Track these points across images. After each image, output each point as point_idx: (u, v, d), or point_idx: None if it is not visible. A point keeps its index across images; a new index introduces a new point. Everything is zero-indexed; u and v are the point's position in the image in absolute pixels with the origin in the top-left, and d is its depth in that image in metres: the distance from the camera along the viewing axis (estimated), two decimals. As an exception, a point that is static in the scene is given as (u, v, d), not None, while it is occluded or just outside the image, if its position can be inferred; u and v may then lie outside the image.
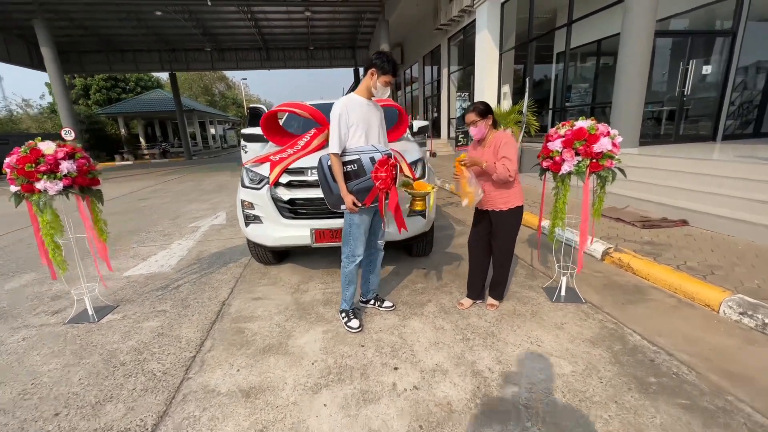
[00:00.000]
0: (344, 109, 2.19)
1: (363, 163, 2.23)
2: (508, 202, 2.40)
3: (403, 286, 3.10)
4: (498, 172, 2.26)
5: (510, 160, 2.26)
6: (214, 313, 2.77)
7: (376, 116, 2.34)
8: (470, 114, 2.36)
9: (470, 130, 2.40)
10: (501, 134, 2.35)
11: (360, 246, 2.41)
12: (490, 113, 2.36)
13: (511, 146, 2.31)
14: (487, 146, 2.39)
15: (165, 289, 3.23)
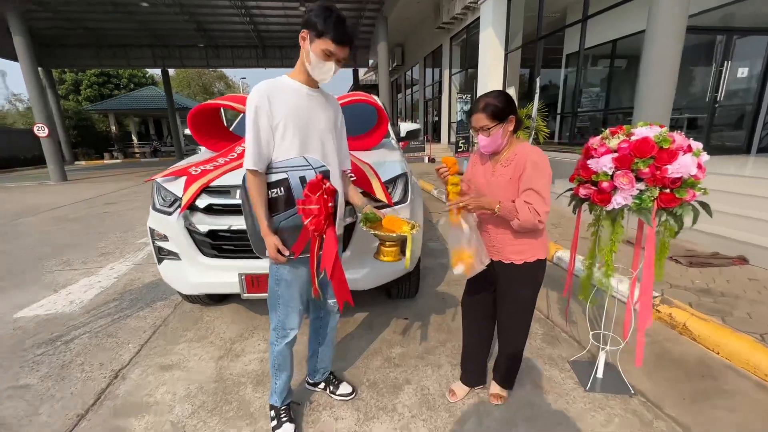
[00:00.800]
0: (263, 98, 1.35)
1: (292, 185, 1.39)
2: (523, 252, 1.54)
3: (372, 352, 2.24)
4: (521, 217, 1.38)
5: (542, 198, 1.39)
6: (95, 394, 1.91)
7: (325, 114, 1.50)
8: (479, 114, 1.44)
9: (479, 138, 1.51)
10: (528, 149, 1.45)
11: (293, 315, 1.56)
12: (512, 113, 1.44)
13: (543, 172, 1.41)
14: (502, 164, 1.50)
15: (52, 344, 2.38)
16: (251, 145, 1.35)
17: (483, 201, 1.43)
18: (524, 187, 1.42)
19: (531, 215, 1.38)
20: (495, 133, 1.44)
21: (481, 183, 1.57)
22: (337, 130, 1.60)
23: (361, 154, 2.46)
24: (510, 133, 1.48)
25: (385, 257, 1.55)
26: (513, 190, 1.46)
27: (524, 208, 1.39)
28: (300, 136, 1.41)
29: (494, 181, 1.51)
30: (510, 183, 1.46)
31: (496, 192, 1.50)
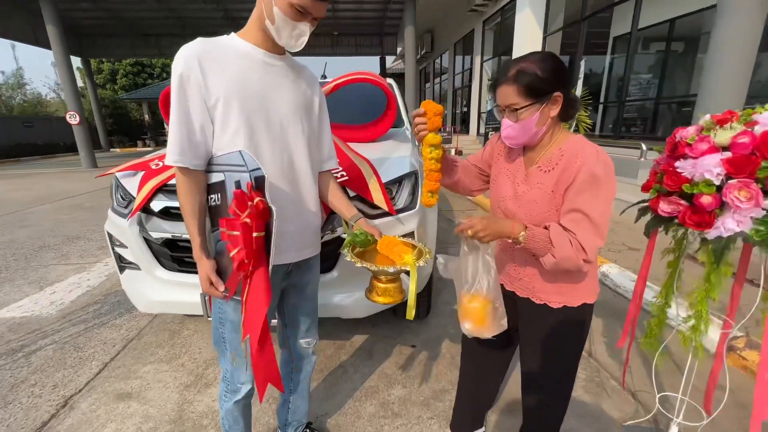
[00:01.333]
0: (192, 64, 0.92)
1: (228, 192, 0.96)
2: (564, 293, 1.03)
3: (367, 392, 1.82)
4: (559, 254, 0.89)
5: (594, 227, 0.89)
6: (33, 429, 1.61)
7: (291, 93, 1.07)
8: (506, 87, 0.92)
9: (502, 122, 1.00)
10: (585, 148, 0.93)
11: (244, 367, 1.15)
12: (558, 88, 0.91)
13: (605, 190, 0.90)
14: (541, 167, 0.99)
15: (13, 356, 2.12)
16: (174, 132, 0.94)
17: (500, 225, 0.93)
18: (570, 206, 0.91)
19: (573, 252, 0.87)
20: (527, 117, 0.91)
21: (504, 190, 1.06)
22: (312, 115, 1.16)
23: (363, 147, 2.00)
24: (553, 119, 0.95)
25: (380, 297, 1.10)
26: (555, 208, 0.95)
27: (564, 240, 0.88)
28: (248, 122, 0.98)
29: (527, 192, 1.00)
30: (551, 198, 0.95)
31: (528, 208, 0.99)
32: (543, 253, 0.92)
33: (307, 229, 1.16)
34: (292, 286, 1.22)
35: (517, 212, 1.01)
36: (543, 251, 0.91)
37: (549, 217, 0.96)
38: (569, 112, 0.96)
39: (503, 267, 1.13)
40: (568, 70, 0.99)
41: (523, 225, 0.93)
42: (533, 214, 0.97)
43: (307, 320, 1.30)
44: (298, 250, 1.14)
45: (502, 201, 1.07)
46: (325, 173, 1.25)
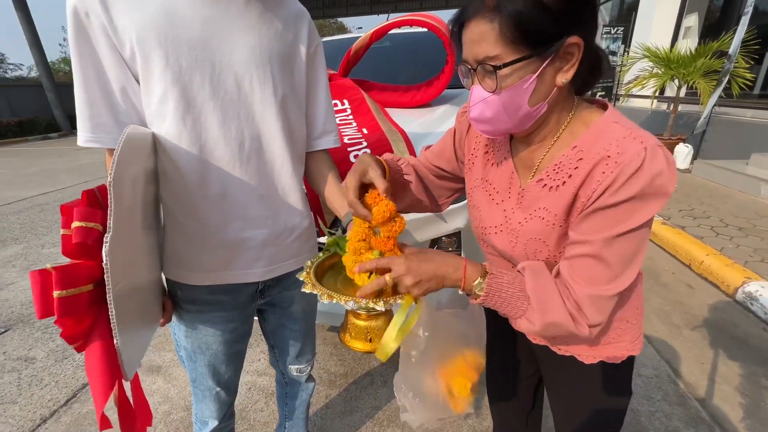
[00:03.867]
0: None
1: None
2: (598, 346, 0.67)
3: (392, 414, 1.51)
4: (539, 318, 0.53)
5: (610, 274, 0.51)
6: (71, 391, 1.69)
7: (252, 34, 0.70)
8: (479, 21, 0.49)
9: (471, 92, 0.55)
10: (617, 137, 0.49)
11: (206, 401, 0.90)
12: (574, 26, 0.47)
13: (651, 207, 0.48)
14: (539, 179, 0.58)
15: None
16: (80, 100, 0.65)
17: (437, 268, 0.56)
18: (580, 234, 0.53)
19: (566, 316, 0.54)
20: (515, 84, 0.50)
21: (486, 216, 0.68)
22: (295, 68, 0.78)
23: (407, 114, 1.56)
24: (561, 89, 0.53)
25: (354, 339, 0.71)
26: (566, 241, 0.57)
27: (550, 295, 0.54)
28: (180, 82, 0.65)
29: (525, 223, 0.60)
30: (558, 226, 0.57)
31: (530, 248, 0.61)
32: (514, 315, 0.57)
33: (286, 235, 0.83)
34: (270, 305, 0.93)
35: (513, 253, 0.63)
36: (514, 312, 0.57)
37: (546, 252, 0.60)
38: (590, 78, 0.55)
39: None
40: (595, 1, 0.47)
41: (481, 268, 0.57)
42: (540, 257, 0.60)
43: (296, 344, 1.01)
44: (271, 264, 0.82)
45: (486, 234, 0.67)
46: (317, 154, 0.88)
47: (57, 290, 0.53)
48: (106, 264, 0.52)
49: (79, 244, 0.57)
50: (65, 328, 0.55)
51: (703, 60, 4.40)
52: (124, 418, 0.66)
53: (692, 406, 1.50)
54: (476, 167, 0.70)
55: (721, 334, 1.91)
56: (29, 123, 12.34)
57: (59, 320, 0.54)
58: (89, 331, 0.60)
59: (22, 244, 3.40)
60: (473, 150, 0.71)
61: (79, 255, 0.59)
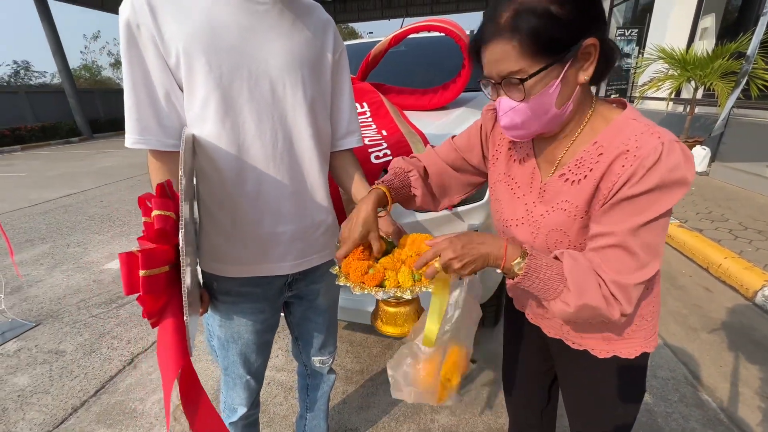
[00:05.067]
0: (141, 8, 0.66)
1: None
2: (612, 340, 0.69)
3: (408, 410, 1.54)
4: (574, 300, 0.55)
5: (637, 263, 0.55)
6: (101, 382, 1.76)
7: (284, 42, 0.75)
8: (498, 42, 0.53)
9: (498, 104, 0.58)
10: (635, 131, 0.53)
11: (236, 389, 0.95)
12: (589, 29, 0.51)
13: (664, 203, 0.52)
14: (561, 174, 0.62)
15: (109, 306, 2.41)
16: (130, 104, 0.71)
17: (484, 247, 0.59)
18: (604, 226, 0.56)
19: (601, 300, 0.55)
20: (541, 91, 0.54)
21: (507, 209, 0.71)
22: (322, 74, 0.83)
23: (426, 117, 1.61)
24: (584, 87, 0.57)
25: (387, 325, 0.77)
26: (586, 232, 0.60)
27: (587, 279, 0.56)
28: (220, 87, 0.71)
29: (546, 216, 0.64)
30: (579, 218, 0.60)
31: (551, 240, 0.64)
32: (549, 297, 0.59)
33: (313, 230, 0.87)
34: (297, 297, 0.97)
35: (534, 246, 0.65)
36: (549, 294, 0.58)
37: (566, 241, 0.63)
38: (605, 70, 0.57)
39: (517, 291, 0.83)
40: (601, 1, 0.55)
41: (521, 248, 0.59)
42: (560, 248, 0.62)
43: (320, 336, 1.05)
44: (300, 257, 0.86)
45: (506, 226, 0.70)
46: (342, 153, 0.93)
47: (142, 270, 0.58)
48: (181, 248, 0.58)
49: (160, 229, 0.63)
50: (146, 305, 0.61)
51: (720, 61, 4.34)
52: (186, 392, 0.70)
53: (710, 408, 1.49)
54: (500, 162, 0.73)
55: (740, 338, 1.89)
56: (51, 128, 12.76)
57: (143, 297, 0.59)
58: (163, 309, 0.65)
59: (48, 243, 3.53)
60: (497, 146, 0.74)
61: (159, 239, 0.64)
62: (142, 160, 4.66)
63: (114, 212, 4.42)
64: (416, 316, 0.76)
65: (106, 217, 4.24)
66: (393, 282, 0.65)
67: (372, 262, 0.70)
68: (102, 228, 3.90)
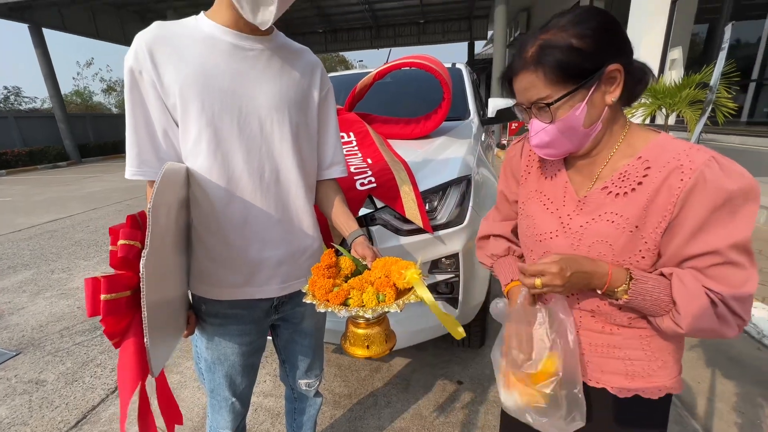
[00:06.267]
0: (142, 55, 0.73)
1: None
2: (635, 375, 0.67)
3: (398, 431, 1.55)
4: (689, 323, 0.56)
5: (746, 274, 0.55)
6: (83, 413, 1.72)
7: (274, 83, 0.83)
8: (526, 74, 0.60)
9: (530, 126, 0.64)
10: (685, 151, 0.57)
11: (222, 411, 0.97)
12: (611, 56, 0.56)
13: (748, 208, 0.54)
14: (604, 187, 0.64)
15: (93, 333, 2.37)
16: (130, 140, 0.77)
17: (588, 271, 0.60)
18: (693, 249, 0.57)
19: (716, 321, 0.57)
20: (568, 113, 0.59)
21: (543, 224, 0.71)
22: (309, 111, 0.91)
23: (409, 145, 1.70)
24: (612, 107, 0.61)
25: (354, 347, 0.80)
26: (635, 251, 0.62)
27: (700, 300, 0.56)
28: (212, 125, 0.77)
29: (588, 227, 0.65)
30: (635, 237, 0.61)
31: (593, 251, 0.64)
32: (657, 314, 0.61)
33: (299, 255, 0.93)
34: (283, 320, 1.01)
35: (555, 247, 0.67)
36: (657, 312, 0.60)
37: (627, 264, 0.62)
38: (636, 89, 0.62)
39: None
40: (623, 30, 0.58)
41: (626, 272, 0.60)
42: (601, 259, 0.63)
43: (306, 359, 1.08)
44: (285, 281, 0.91)
45: (540, 240, 0.71)
46: (326, 182, 0.99)
47: (104, 294, 0.64)
48: (141, 274, 0.62)
49: (122, 258, 0.68)
50: (107, 326, 0.66)
51: (687, 91, 4.62)
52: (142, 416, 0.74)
53: (689, 424, 1.53)
54: (530, 181, 0.76)
55: (717, 355, 1.95)
56: (39, 152, 12.68)
57: (104, 319, 0.64)
58: (125, 330, 0.70)
59: (32, 270, 3.48)
60: (527, 167, 0.77)
61: (122, 267, 0.70)
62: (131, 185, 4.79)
63: (101, 238, 4.38)
64: (384, 338, 0.79)
65: (92, 243, 4.20)
66: (357, 301, 0.69)
67: (340, 281, 0.75)
68: (88, 254, 3.86)
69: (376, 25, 18.93)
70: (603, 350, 0.69)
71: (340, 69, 46.66)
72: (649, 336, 0.66)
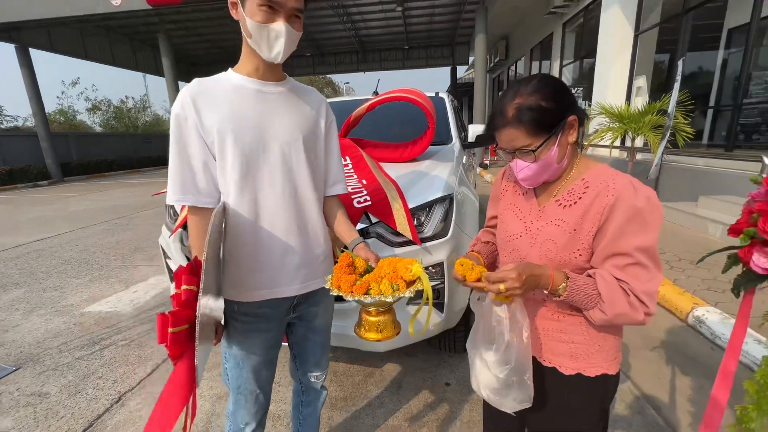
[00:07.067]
0: (188, 106, 0.93)
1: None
2: (578, 356, 0.87)
3: (388, 430, 1.69)
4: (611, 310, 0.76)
5: (648, 272, 0.77)
6: (88, 421, 1.80)
7: (289, 118, 1.02)
8: (509, 130, 0.79)
9: (514, 164, 0.85)
10: (616, 179, 0.79)
11: (246, 406, 1.11)
12: (570, 109, 0.79)
13: (653, 225, 0.76)
14: (560, 201, 0.85)
15: (92, 347, 2.44)
16: (174, 171, 0.95)
17: (537, 276, 0.77)
18: (611, 250, 0.78)
19: (628, 308, 0.76)
20: (545, 155, 0.79)
21: (513, 227, 0.92)
22: (317, 139, 1.10)
23: (399, 167, 1.91)
24: (573, 146, 0.83)
25: (369, 332, 0.97)
26: (574, 249, 0.82)
27: (616, 293, 0.76)
28: (243, 154, 0.96)
29: (542, 229, 0.86)
30: (573, 238, 0.81)
31: (543, 248, 0.85)
32: (588, 307, 0.80)
33: (315, 260, 1.10)
34: (299, 318, 1.17)
35: (530, 252, 0.87)
36: (587, 305, 0.79)
37: (568, 258, 0.82)
38: (582, 130, 0.83)
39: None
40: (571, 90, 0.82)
41: (564, 274, 0.79)
42: (549, 254, 0.84)
43: (316, 353, 1.24)
44: (304, 281, 1.08)
45: (510, 240, 0.92)
46: (330, 198, 1.18)
47: (170, 327, 0.80)
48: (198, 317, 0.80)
49: (185, 300, 0.85)
50: (172, 351, 0.82)
51: (650, 116, 5.06)
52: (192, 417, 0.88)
53: (649, 414, 1.72)
54: (506, 197, 0.97)
55: (676, 353, 2.17)
56: (19, 171, 12.46)
57: (170, 345, 0.80)
58: (182, 354, 0.85)
59: (22, 288, 3.49)
60: (504, 188, 0.99)
61: (184, 307, 0.85)
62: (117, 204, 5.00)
63: (91, 256, 4.40)
64: (393, 324, 0.97)
65: (83, 261, 4.22)
66: (376, 290, 0.87)
67: (357, 277, 0.92)
68: (79, 272, 3.88)
69: (363, 50, 19.60)
70: (553, 335, 0.88)
71: (327, 90, 47.66)
72: (588, 323, 0.85)
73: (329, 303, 1.23)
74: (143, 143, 21.01)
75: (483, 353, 0.89)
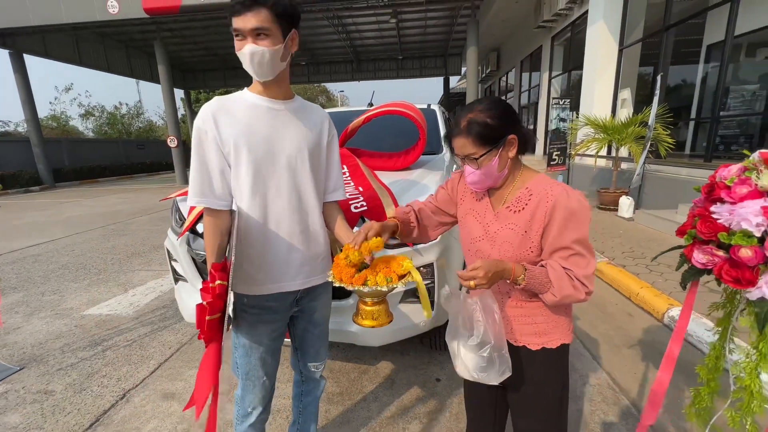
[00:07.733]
0: (209, 121, 1.06)
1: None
2: (542, 334, 1.03)
3: (383, 422, 1.79)
4: (560, 293, 0.92)
5: (585, 259, 0.94)
6: (96, 415, 1.88)
7: (296, 132, 1.15)
8: (461, 138, 0.96)
9: (464, 169, 1.02)
10: (553, 188, 0.95)
11: (254, 391, 1.23)
12: (511, 130, 0.95)
13: (583, 222, 0.94)
14: (509, 208, 1.00)
15: (95, 348, 2.51)
16: (194, 176, 1.07)
17: (501, 270, 0.90)
18: (556, 245, 0.94)
19: (572, 289, 0.92)
20: (487, 163, 0.95)
21: (475, 231, 1.07)
22: (320, 150, 1.23)
23: (393, 175, 2.05)
24: (513, 159, 1.00)
25: (366, 320, 1.10)
26: (528, 246, 0.97)
27: (562, 278, 0.92)
28: (255, 163, 1.09)
29: (499, 232, 1.01)
30: (525, 238, 0.97)
31: (502, 248, 1.00)
32: (542, 292, 0.94)
33: (316, 258, 1.22)
34: (301, 312, 1.29)
35: (491, 252, 1.02)
36: (542, 290, 0.94)
37: (523, 255, 0.98)
38: (527, 147, 0.99)
39: None
40: (516, 112, 0.99)
41: (522, 266, 0.93)
42: (507, 253, 0.99)
43: (315, 345, 1.35)
44: (306, 277, 1.20)
45: (473, 242, 1.07)
46: (330, 203, 1.30)
47: (207, 315, 0.92)
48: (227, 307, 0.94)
49: (219, 293, 0.97)
50: (207, 336, 0.95)
51: (632, 128, 5.30)
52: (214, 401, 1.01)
53: (624, 405, 1.86)
54: (466, 202, 1.11)
55: (651, 351, 2.32)
56: (10, 177, 12.37)
57: (206, 330, 0.93)
58: (213, 338, 0.98)
59: (21, 292, 3.53)
60: (462, 194, 1.13)
61: (217, 299, 0.97)
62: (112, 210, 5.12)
63: (88, 261, 4.45)
64: (386, 314, 1.10)
65: (80, 266, 4.27)
66: (373, 282, 1.00)
67: (355, 270, 1.05)
68: (77, 276, 3.93)
69: (357, 60, 19.88)
70: (520, 319, 1.03)
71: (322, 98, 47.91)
72: (545, 306, 1.00)
73: (327, 299, 1.36)
74: (137, 149, 20.95)
75: (466, 341, 1.02)
